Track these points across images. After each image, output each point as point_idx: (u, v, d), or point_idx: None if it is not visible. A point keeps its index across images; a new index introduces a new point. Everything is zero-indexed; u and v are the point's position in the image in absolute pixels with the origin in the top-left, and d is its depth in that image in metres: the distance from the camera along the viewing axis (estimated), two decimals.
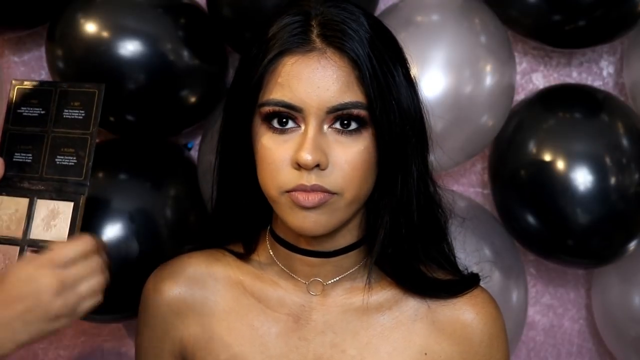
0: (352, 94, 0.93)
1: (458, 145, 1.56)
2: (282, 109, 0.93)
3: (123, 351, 1.81)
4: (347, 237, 1.02)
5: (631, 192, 1.54)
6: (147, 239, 1.48)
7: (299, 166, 0.92)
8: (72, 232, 1.09)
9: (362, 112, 0.93)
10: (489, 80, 1.54)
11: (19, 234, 1.11)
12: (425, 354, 1.02)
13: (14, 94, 1.15)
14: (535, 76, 1.81)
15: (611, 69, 1.80)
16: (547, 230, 1.58)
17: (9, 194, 1.12)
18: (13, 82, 1.16)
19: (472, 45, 1.53)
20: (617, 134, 1.57)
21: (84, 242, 1.01)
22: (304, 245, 1.02)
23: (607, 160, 1.54)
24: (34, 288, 0.94)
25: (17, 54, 1.77)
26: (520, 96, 1.76)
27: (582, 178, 1.53)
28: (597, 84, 1.80)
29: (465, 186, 1.84)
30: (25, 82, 1.15)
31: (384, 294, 1.04)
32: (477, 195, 1.83)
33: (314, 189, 0.92)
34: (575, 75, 1.80)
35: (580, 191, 1.52)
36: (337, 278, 1.03)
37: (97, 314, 1.53)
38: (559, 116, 1.60)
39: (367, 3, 1.60)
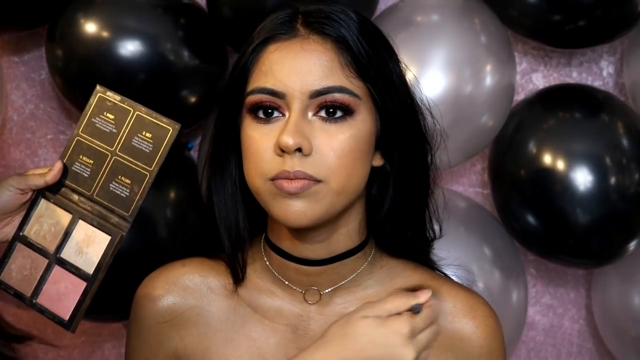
0: (335, 79, 0.92)
1: (458, 145, 1.56)
2: (265, 96, 0.92)
3: (123, 351, 1.81)
4: (343, 243, 0.99)
5: (631, 192, 1.54)
6: (147, 239, 1.48)
7: (282, 152, 0.90)
8: (99, 266, 1.06)
9: (347, 98, 0.91)
10: (489, 80, 1.54)
11: (52, 248, 1.09)
12: None
13: (94, 101, 1.09)
14: (535, 76, 1.81)
15: (611, 69, 1.80)
16: (547, 230, 1.58)
17: (55, 203, 1.09)
18: (98, 87, 1.10)
19: (472, 45, 1.53)
20: (617, 134, 1.57)
21: (432, 310, 0.98)
22: (298, 254, 0.98)
23: (607, 160, 1.54)
24: (390, 356, 0.92)
25: (17, 54, 1.77)
26: (520, 96, 1.76)
27: (582, 178, 1.53)
28: (597, 84, 1.80)
29: (465, 186, 1.84)
30: (108, 93, 1.09)
31: None
32: (477, 195, 1.83)
33: (296, 175, 0.89)
34: (575, 75, 1.80)
35: (580, 191, 1.52)
36: (334, 287, 1.00)
37: (97, 314, 1.54)
38: (559, 116, 1.60)
39: (367, 3, 1.60)
